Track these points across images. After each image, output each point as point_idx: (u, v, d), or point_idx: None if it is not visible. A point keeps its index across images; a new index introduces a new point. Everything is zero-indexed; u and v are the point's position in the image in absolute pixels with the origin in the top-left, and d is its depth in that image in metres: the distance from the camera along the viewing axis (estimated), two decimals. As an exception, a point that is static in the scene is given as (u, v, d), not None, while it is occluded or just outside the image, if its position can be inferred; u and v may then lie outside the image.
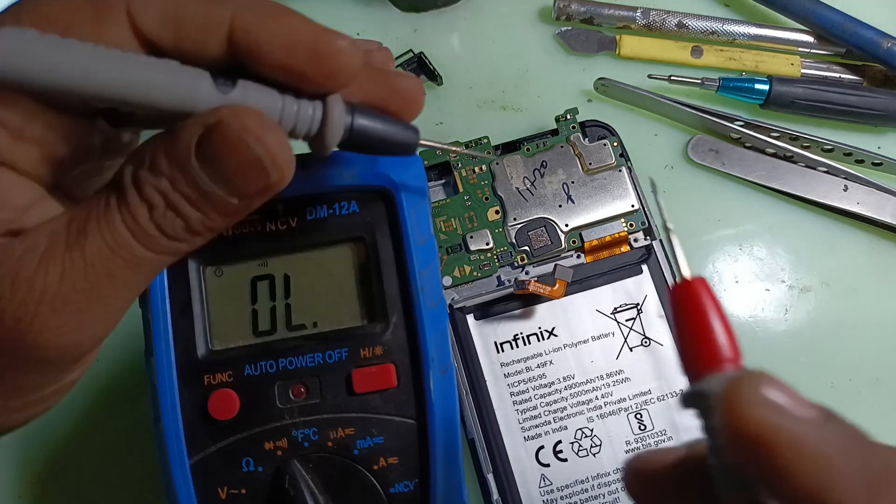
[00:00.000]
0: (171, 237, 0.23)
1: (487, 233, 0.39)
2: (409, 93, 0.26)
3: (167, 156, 0.22)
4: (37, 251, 0.22)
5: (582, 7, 0.45)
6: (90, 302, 0.22)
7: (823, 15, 0.43)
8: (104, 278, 0.22)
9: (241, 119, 0.22)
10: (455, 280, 0.39)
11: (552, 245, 0.39)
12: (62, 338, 0.22)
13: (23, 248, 0.22)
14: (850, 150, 0.43)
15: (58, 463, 0.39)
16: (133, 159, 0.23)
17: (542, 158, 0.40)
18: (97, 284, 0.22)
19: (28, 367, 0.23)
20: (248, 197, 0.23)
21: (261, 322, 0.30)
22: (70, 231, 0.22)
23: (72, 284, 0.22)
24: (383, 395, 0.29)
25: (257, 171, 0.22)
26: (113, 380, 0.40)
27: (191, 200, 0.22)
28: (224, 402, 0.29)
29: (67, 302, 0.22)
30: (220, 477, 0.28)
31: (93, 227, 0.22)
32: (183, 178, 0.22)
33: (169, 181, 0.22)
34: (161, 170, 0.22)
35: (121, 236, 0.22)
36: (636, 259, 0.39)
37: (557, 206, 0.39)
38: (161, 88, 0.22)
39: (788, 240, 0.43)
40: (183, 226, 0.23)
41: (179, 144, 0.22)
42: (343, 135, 0.25)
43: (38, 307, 0.22)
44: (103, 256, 0.22)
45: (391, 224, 0.30)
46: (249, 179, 0.22)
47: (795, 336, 0.41)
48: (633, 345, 0.38)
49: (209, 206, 0.23)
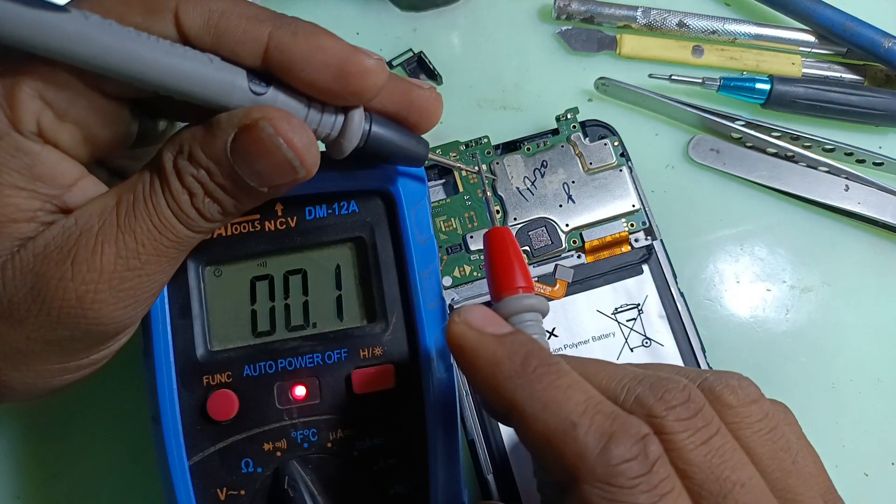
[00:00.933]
0: (209, 220, 0.25)
1: None
2: (427, 104, 0.28)
3: (204, 149, 0.24)
4: (91, 232, 0.24)
5: (582, 6, 0.45)
6: (141, 279, 0.25)
7: (824, 14, 0.43)
8: (153, 257, 0.25)
9: (274, 123, 0.24)
10: (455, 280, 0.38)
11: (552, 245, 0.39)
12: (118, 313, 0.25)
13: (78, 229, 0.24)
14: (852, 150, 0.43)
15: (57, 463, 0.39)
16: (171, 146, 0.25)
17: (542, 158, 0.40)
18: (147, 263, 0.25)
19: (86, 338, 0.25)
20: (277, 187, 0.25)
21: (260, 322, 0.30)
22: (119, 213, 0.24)
23: (126, 264, 0.24)
24: (383, 396, 0.29)
25: (287, 170, 0.25)
26: (112, 380, 0.40)
27: (226, 190, 0.25)
28: (223, 402, 0.29)
29: (123, 280, 0.24)
30: (220, 478, 0.28)
31: (141, 210, 0.24)
32: (219, 171, 0.25)
33: (206, 172, 0.25)
34: (199, 161, 0.24)
35: (166, 219, 0.25)
36: (637, 259, 0.39)
37: (558, 206, 0.39)
38: (201, 79, 0.24)
39: (789, 240, 0.43)
40: (219, 209, 0.25)
41: (216, 141, 0.24)
42: (359, 143, 0.27)
43: (98, 286, 0.24)
44: (152, 237, 0.25)
45: (391, 224, 0.30)
46: (279, 175, 0.25)
47: (796, 336, 0.41)
48: (633, 345, 0.38)
49: (241, 194, 0.25)
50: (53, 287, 0.24)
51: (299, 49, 0.24)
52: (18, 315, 0.24)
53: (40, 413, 0.40)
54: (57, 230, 0.24)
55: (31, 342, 0.25)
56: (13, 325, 0.24)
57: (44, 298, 0.24)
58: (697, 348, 0.38)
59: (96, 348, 0.27)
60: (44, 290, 0.24)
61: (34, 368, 0.26)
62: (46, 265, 0.24)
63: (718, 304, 0.41)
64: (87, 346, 0.26)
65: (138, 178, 0.25)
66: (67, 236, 0.24)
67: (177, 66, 0.23)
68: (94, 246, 0.24)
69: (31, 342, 0.25)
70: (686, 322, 0.38)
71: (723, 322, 0.40)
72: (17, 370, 0.25)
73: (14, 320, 0.24)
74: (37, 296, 0.24)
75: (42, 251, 0.24)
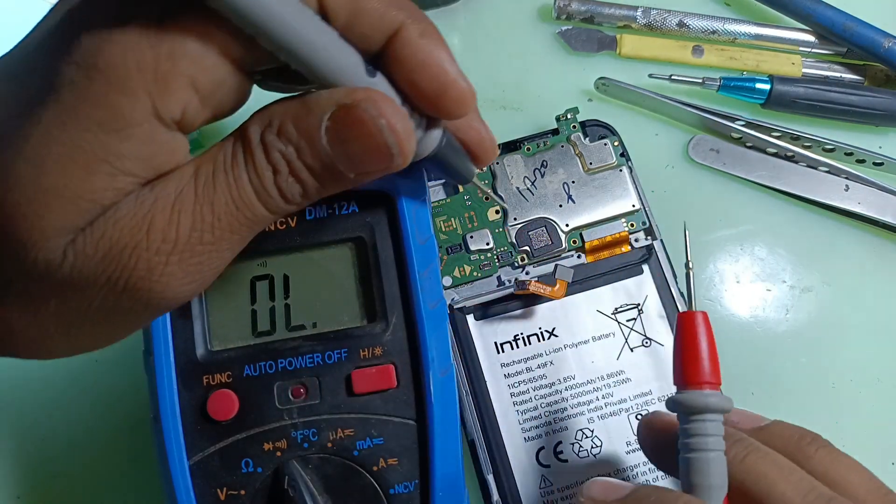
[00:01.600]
0: (288, 201, 0.24)
1: (488, 233, 0.39)
2: (490, 147, 0.30)
3: (296, 124, 0.23)
4: (167, 200, 0.23)
5: (582, 6, 0.45)
6: (210, 255, 0.24)
7: (824, 14, 0.43)
8: (227, 233, 0.23)
9: (378, 105, 0.23)
10: (455, 280, 0.38)
11: (553, 245, 0.39)
12: (182, 288, 0.24)
13: (153, 196, 0.23)
14: (852, 150, 0.43)
15: (58, 463, 0.39)
16: (259, 119, 0.24)
17: (542, 158, 0.40)
18: (220, 239, 0.23)
19: (144, 310, 0.24)
20: (366, 174, 0.24)
21: (260, 322, 0.30)
22: (198, 182, 0.23)
23: (200, 237, 0.23)
24: (383, 396, 0.29)
25: (383, 155, 0.24)
26: (112, 380, 0.40)
27: (312, 171, 0.24)
28: (223, 402, 0.29)
29: (194, 254, 0.23)
30: (220, 478, 0.28)
31: (221, 182, 0.23)
32: (309, 150, 0.23)
33: (295, 150, 0.23)
34: (289, 137, 0.23)
35: (246, 194, 0.23)
36: (637, 259, 0.39)
37: (558, 206, 0.39)
38: (329, 53, 0.23)
39: (789, 240, 0.43)
40: (300, 191, 0.24)
41: (311, 117, 0.23)
42: (429, 153, 0.27)
43: (169, 257, 0.23)
44: (229, 211, 0.23)
45: (391, 224, 0.30)
46: (373, 161, 0.24)
47: (796, 336, 0.41)
48: (633, 345, 0.38)
49: (327, 177, 0.24)
50: (126, 256, 0.23)
51: (421, 51, 0.24)
52: (83, 283, 0.23)
53: (40, 413, 0.40)
54: (133, 199, 0.23)
55: (90, 311, 0.24)
56: (75, 292, 0.23)
57: (114, 268, 0.23)
58: (698, 348, 0.38)
59: (147, 320, 0.26)
60: (115, 259, 0.23)
61: (83, 334, 0.25)
62: (122, 233, 0.23)
63: (718, 304, 0.41)
64: (140, 318, 0.25)
65: (218, 150, 0.24)
66: (144, 205, 0.23)
67: (313, 34, 0.23)
68: (170, 215, 0.23)
69: (88, 311, 0.24)
70: None
71: (723, 322, 0.40)
72: (67, 335, 0.24)
73: (77, 289, 0.23)
74: (107, 265, 0.23)
75: (119, 219, 0.23)
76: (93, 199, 0.22)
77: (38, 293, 0.23)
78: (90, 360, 0.40)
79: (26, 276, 0.23)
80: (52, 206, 0.22)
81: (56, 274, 0.23)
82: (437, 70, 0.24)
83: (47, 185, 0.22)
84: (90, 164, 0.22)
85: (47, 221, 0.22)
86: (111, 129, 0.22)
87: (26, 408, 0.40)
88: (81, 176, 0.22)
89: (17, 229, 0.22)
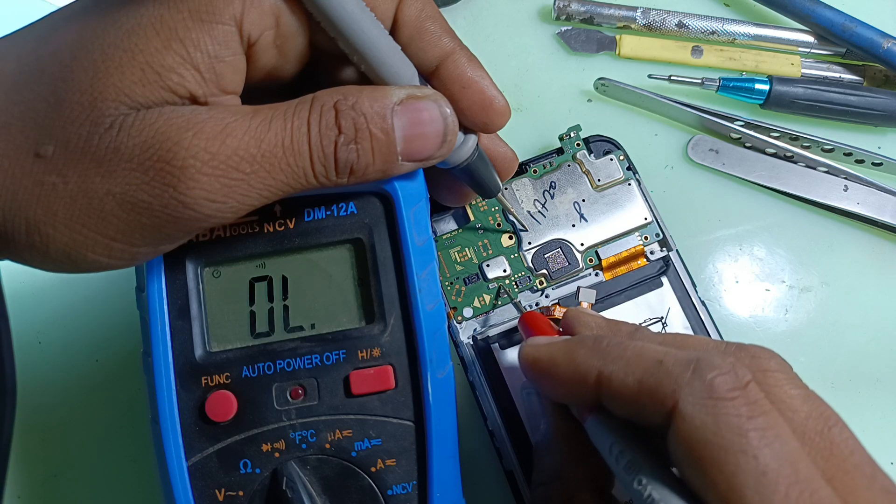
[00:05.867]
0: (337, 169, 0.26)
1: (503, 259, 0.39)
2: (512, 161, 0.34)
3: (371, 101, 0.26)
4: (221, 121, 0.24)
5: (582, 7, 0.45)
6: (239, 186, 0.25)
7: (823, 15, 0.43)
8: (263, 171, 0.25)
9: (443, 101, 0.28)
10: (476, 310, 0.38)
11: (570, 266, 0.39)
12: (204, 203, 0.24)
13: (209, 114, 0.25)
14: (851, 150, 0.43)
15: (57, 463, 0.39)
16: (333, 91, 0.26)
17: (550, 179, 0.40)
18: (254, 174, 0.25)
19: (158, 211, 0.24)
20: (410, 161, 0.28)
21: (258, 323, 0.30)
22: (255, 119, 0.25)
23: (238, 164, 0.24)
24: (381, 397, 0.29)
25: (436, 141, 0.28)
26: (112, 380, 0.40)
27: (374, 142, 0.26)
28: (221, 403, 0.29)
29: (226, 175, 0.24)
30: (218, 479, 0.28)
31: (277, 126, 0.25)
32: (379, 122, 0.26)
33: (366, 119, 0.26)
34: (363, 110, 0.26)
35: (299, 143, 0.25)
36: (655, 272, 0.39)
37: (571, 226, 0.39)
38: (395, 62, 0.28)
39: (788, 240, 0.43)
40: (353, 163, 0.26)
41: (385, 98, 0.26)
42: (461, 163, 0.30)
43: (204, 167, 0.24)
44: (275, 153, 0.25)
45: (389, 226, 0.30)
46: (426, 145, 0.27)
47: (795, 336, 0.41)
48: None
49: (381, 156, 0.27)
50: (166, 149, 0.24)
51: (468, 72, 0.29)
52: (115, 163, 0.24)
53: (40, 413, 0.40)
54: (191, 109, 0.25)
55: (109, 198, 0.24)
56: (103, 173, 0.24)
57: (150, 155, 0.24)
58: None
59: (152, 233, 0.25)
60: (154, 147, 0.24)
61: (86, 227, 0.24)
62: (170, 128, 0.24)
63: (718, 304, 0.41)
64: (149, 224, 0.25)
65: (279, 104, 0.26)
66: (199, 115, 0.24)
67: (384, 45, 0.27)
68: (220, 132, 0.24)
69: (107, 198, 0.24)
70: (711, 331, 0.38)
71: (722, 322, 0.40)
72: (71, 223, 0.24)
73: (107, 168, 0.24)
74: (145, 150, 0.24)
75: (172, 118, 0.24)
76: (160, 72, 0.24)
77: (67, 159, 0.24)
78: (90, 360, 0.40)
79: (66, 133, 0.24)
80: (122, 66, 0.24)
81: (95, 142, 0.24)
82: (483, 86, 0.29)
83: (125, 46, 0.24)
84: (169, 41, 0.24)
85: (114, 79, 0.24)
86: (199, 18, 0.24)
87: (27, 408, 0.40)
88: (158, 47, 0.24)
89: (84, 82, 0.24)
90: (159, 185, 0.24)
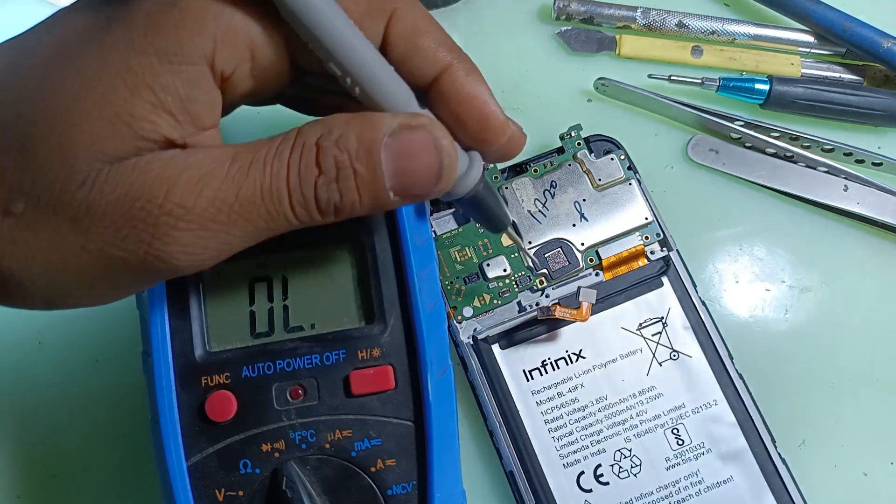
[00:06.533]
0: (319, 209, 0.25)
1: (504, 259, 0.39)
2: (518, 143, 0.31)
3: (359, 136, 0.24)
4: (198, 171, 0.23)
5: (582, 7, 0.45)
6: (217, 237, 0.24)
7: (823, 15, 0.43)
8: (241, 220, 0.24)
9: (439, 131, 0.26)
10: (476, 310, 0.38)
11: (570, 266, 0.39)
12: (180, 257, 0.24)
13: (185, 163, 0.24)
14: (851, 150, 0.43)
15: (57, 463, 0.39)
16: (318, 125, 0.25)
17: (550, 179, 0.40)
18: (233, 224, 0.24)
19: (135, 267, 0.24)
20: (404, 197, 0.25)
21: (258, 323, 0.30)
22: (232, 166, 0.24)
23: (215, 215, 0.24)
24: (381, 397, 0.29)
25: (431, 177, 0.26)
26: (111, 380, 0.40)
27: (358, 180, 0.25)
28: (221, 403, 0.29)
29: (203, 228, 0.24)
30: (218, 479, 0.28)
31: (255, 170, 0.24)
32: (364, 158, 0.24)
33: (348, 156, 0.24)
34: (347, 145, 0.24)
35: (277, 189, 0.24)
36: (655, 272, 0.39)
37: (571, 226, 0.39)
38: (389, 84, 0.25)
39: (788, 240, 0.43)
40: (335, 202, 0.25)
41: (375, 131, 0.24)
42: (465, 194, 0.28)
43: (179, 222, 0.23)
44: (253, 200, 0.24)
45: (389, 226, 0.30)
46: (422, 180, 0.25)
47: (795, 336, 0.41)
48: (661, 359, 0.38)
49: (368, 193, 0.25)
50: (139, 207, 0.23)
51: (466, 87, 0.27)
52: (88, 220, 0.23)
53: (40, 413, 0.40)
54: (167, 157, 0.24)
55: (84, 253, 0.24)
56: (77, 230, 0.23)
57: (123, 212, 0.23)
58: (725, 356, 0.38)
59: (132, 283, 0.26)
60: (128, 205, 0.23)
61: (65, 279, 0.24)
62: (143, 184, 0.23)
63: (717, 304, 0.41)
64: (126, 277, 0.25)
65: (261, 144, 0.25)
66: (175, 166, 0.23)
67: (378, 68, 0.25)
68: (194, 185, 0.23)
69: (83, 253, 0.24)
70: (711, 331, 0.38)
71: (722, 322, 0.40)
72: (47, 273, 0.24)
73: (80, 226, 0.23)
74: (118, 208, 0.23)
75: (145, 171, 0.23)
76: (130, 122, 0.23)
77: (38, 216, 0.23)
78: (90, 360, 0.40)
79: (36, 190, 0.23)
80: (91, 118, 0.23)
81: (67, 199, 0.23)
82: (479, 103, 0.27)
83: (92, 98, 0.23)
84: (137, 88, 0.23)
85: (83, 135, 0.23)
86: (167, 60, 0.23)
87: (26, 408, 0.40)
88: (126, 96, 0.23)
89: (53, 137, 0.23)
90: (133, 242, 0.23)
